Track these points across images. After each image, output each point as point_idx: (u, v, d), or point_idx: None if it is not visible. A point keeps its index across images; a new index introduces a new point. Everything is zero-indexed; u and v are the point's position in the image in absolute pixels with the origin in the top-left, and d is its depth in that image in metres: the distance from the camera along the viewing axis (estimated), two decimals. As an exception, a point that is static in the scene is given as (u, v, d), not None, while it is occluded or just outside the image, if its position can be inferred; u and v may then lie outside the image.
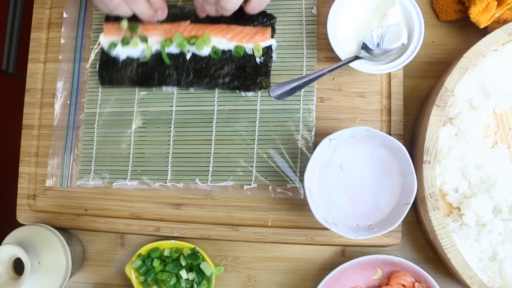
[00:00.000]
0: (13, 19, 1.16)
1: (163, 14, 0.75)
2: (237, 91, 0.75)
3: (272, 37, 0.75)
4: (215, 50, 0.74)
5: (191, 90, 0.76)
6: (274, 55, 0.75)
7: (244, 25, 0.75)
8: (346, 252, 0.75)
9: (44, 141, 0.79)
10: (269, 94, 0.66)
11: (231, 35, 0.74)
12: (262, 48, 0.74)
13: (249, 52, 0.74)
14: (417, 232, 0.74)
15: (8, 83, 1.20)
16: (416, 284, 0.69)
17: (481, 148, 0.70)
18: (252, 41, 0.74)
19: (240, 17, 0.74)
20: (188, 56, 0.75)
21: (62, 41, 0.81)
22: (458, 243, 0.66)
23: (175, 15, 0.77)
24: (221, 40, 0.74)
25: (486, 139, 0.71)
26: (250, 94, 0.75)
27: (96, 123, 0.78)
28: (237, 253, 0.76)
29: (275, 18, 0.76)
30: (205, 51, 0.75)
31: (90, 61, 0.80)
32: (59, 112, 0.79)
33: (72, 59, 0.80)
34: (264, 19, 0.75)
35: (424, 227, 0.70)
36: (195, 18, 0.76)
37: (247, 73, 0.74)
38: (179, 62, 0.75)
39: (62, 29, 0.81)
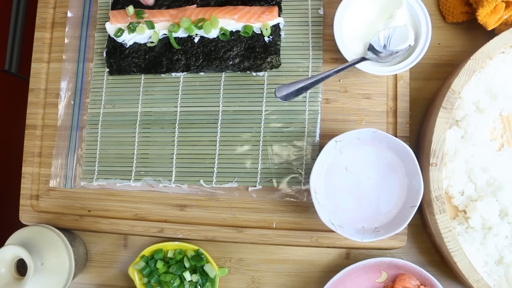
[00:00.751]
0: (16, 18, 1.16)
1: None
2: (241, 91, 0.75)
3: (279, 15, 0.75)
4: (223, 32, 0.74)
5: (197, 87, 0.76)
6: (282, 33, 0.75)
7: (251, 5, 0.75)
8: (351, 255, 0.75)
9: (47, 142, 0.79)
10: (275, 94, 0.66)
11: (238, 15, 0.74)
12: (270, 27, 0.74)
13: (257, 31, 0.74)
14: (423, 235, 0.74)
15: (11, 83, 1.20)
16: (422, 287, 0.69)
17: (487, 151, 0.69)
18: (260, 20, 0.74)
19: None
20: (196, 40, 0.75)
21: (66, 40, 0.81)
22: (464, 246, 0.65)
23: (181, 0, 0.77)
24: (229, 21, 0.74)
25: (493, 142, 0.71)
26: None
27: (100, 123, 0.78)
28: (241, 255, 0.76)
29: None
30: (213, 33, 0.74)
31: (94, 60, 0.79)
32: (62, 112, 0.79)
33: (76, 59, 0.80)
34: None
35: (430, 230, 0.70)
36: (201, 2, 0.76)
37: (256, 52, 0.73)
38: (187, 46, 0.75)
39: (66, 29, 0.81)
